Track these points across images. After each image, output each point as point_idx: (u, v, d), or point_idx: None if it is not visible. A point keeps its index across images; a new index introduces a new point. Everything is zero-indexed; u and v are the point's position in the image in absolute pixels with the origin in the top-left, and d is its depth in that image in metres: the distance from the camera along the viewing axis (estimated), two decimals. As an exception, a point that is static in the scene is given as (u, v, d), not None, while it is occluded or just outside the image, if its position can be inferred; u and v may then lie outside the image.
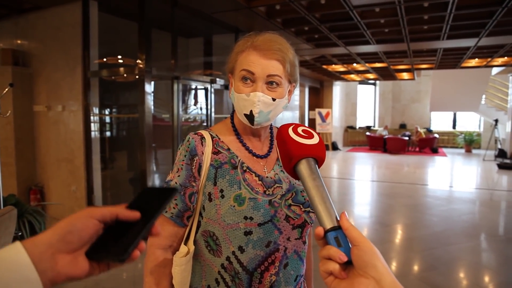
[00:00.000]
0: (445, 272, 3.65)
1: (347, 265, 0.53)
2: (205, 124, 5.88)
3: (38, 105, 5.11)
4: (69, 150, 4.84)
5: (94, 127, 4.84)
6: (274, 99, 0.97)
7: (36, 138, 5.19)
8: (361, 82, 17.60)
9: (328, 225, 0.56)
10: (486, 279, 3.60)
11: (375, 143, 15.66)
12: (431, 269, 3.71)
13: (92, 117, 4.79)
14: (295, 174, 0.68)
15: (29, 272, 0.43)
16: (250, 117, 0.98)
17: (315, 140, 0.69)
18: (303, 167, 0.65)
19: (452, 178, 9.73)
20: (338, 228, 0.55)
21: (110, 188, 5.51)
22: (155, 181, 5.74)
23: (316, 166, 0.66)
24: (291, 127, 0.72)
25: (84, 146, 4.73)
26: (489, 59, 9.37)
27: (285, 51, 0.98)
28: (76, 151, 4.78)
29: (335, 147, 15.71)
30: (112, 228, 0.52)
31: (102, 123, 5.55)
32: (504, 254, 4.23)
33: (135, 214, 0.52)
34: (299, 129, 0.72)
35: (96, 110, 4.88)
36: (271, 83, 0.97)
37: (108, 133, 6.07)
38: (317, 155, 0.67)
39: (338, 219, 0.56)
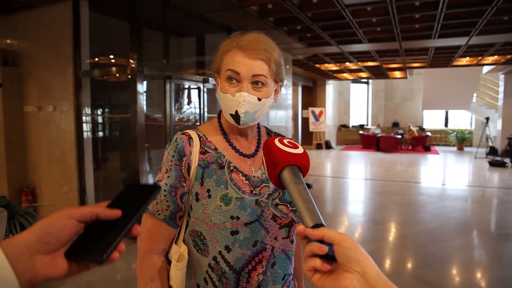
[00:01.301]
0: (438, 269, 3.68)
1: (331, 261, 0.53)
2: (198, 123, 5.86)
3: (28, 105, 5.05)
4: (61, 151, 4.79)
5: (86, 127, 4.80)
6: (259, 99, 0.98)
7: (27, 139, 5.13)
8: (354, 81, 17.67)
9: (311, 223, 0.58)
10: (478, 275, 3.64)
11: (368, 141, 15.74)
12: (424, 266, 3.73)
13: (84, 117, 4.75)
14: (279, 182, 0.70)
15: (6, 273, 0.43)
16: (236, 117, 0.98)
17: (299, 150, 0.73)
18: (287, 173, 0.68)
19: (445, 176, 9.82)
20: (320, 225, 0.57)
21: (102, 189, 5.46)
22: (148, 181, 5.71)
23: (300, 174, 0.69)
24: (277, 138, 0.76)
25: (76, 147, 4.69)
26: (479, 58, 9.45)
27: (270, 50, 0.98)
28: (68, 152, 4.73)
29: (328, 146, 15.76)
30: (92, 227, 0.51)
31: (94, 123, 5.50)
32: (495, 250, 4.27)
33: (115, 213, 0.51)
34: (285, 141, 0.75)
35: (88, 110, 4.83)
36: (256, 83, 0.97)
37: (100, 134, 6.02)
38: (301, 163, 0.70)
39: (321, 218, 0.58)
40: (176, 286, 1.01)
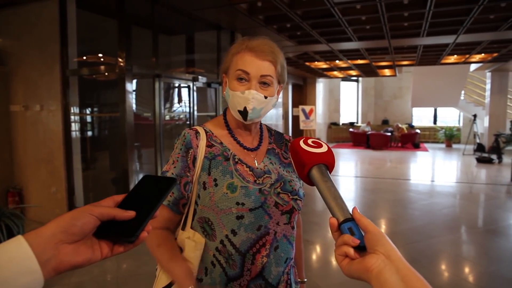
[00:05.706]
0: (427, 265, 3.72)
1: (362, 251, 0.59)
2: (188, 122, 5.82)
3: (14, 104, 4.97)
4: (48, 151, 4.72)
5: (74, 126, 4.74)
6: (266, 97, 1.09)
7: (13, 138, 5.05)
8: (344, 79, 17.75)
9: (341, 217, 0.63)
10: (466, 270, 3.69)
11: (358, 139, 15.84)
12: (414, 262, 3.75)
13: (72, 117, 4.68)
14: (309, 180, 0.75)
15: (31, 264, 0.46)
16: (244, 113, 1.09)
17: (324, 149, 0.78)
18: (315, 172, 0.73)
19: (434, 173, 9.93)
20: (350, 220, 0.63)
21: (91, 189, 5.40)
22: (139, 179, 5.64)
23: (327, 171, 0.74)
24: (302, 139, 0.81)
25: (64, 146, 4.62)
26: (467, 56, 9.57)
27: (277, 53, 1.10)
28: (55, 152, 4.67)
29: (319, 144, 15.80)
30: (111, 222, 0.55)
31: (82, 122, 5.43)
32: (483, 246, 4.34)
33: (130, 214, 0.55)
34: (309, 141, 0.80)
35: (76, 110, 4.77)
36: (263, 83, 1.09)
37: (89, 133, 5.95)
38: (327, 161, 0.75)
39: (351, 213, 0.64)
40: (192, 267, 1.07)
